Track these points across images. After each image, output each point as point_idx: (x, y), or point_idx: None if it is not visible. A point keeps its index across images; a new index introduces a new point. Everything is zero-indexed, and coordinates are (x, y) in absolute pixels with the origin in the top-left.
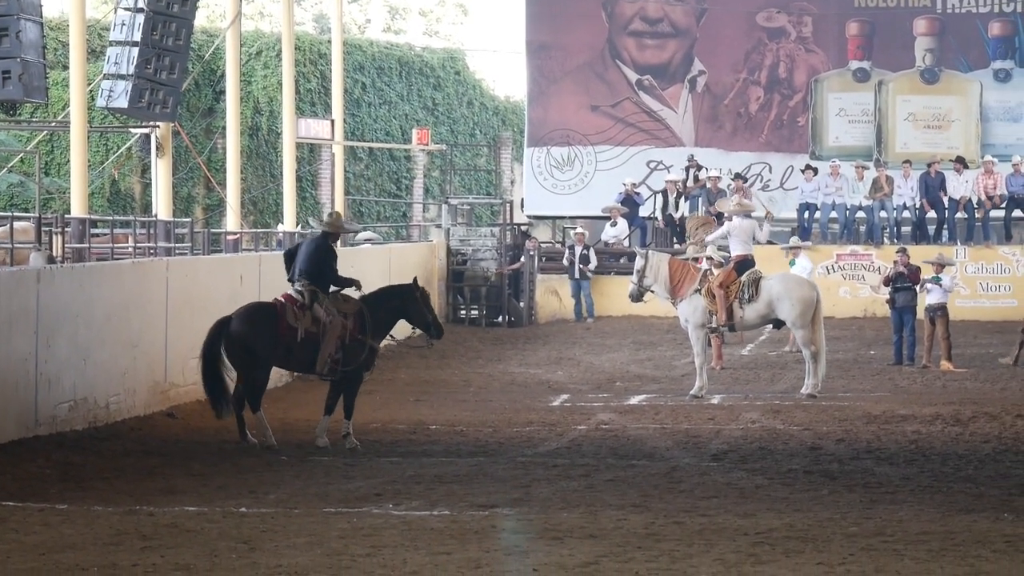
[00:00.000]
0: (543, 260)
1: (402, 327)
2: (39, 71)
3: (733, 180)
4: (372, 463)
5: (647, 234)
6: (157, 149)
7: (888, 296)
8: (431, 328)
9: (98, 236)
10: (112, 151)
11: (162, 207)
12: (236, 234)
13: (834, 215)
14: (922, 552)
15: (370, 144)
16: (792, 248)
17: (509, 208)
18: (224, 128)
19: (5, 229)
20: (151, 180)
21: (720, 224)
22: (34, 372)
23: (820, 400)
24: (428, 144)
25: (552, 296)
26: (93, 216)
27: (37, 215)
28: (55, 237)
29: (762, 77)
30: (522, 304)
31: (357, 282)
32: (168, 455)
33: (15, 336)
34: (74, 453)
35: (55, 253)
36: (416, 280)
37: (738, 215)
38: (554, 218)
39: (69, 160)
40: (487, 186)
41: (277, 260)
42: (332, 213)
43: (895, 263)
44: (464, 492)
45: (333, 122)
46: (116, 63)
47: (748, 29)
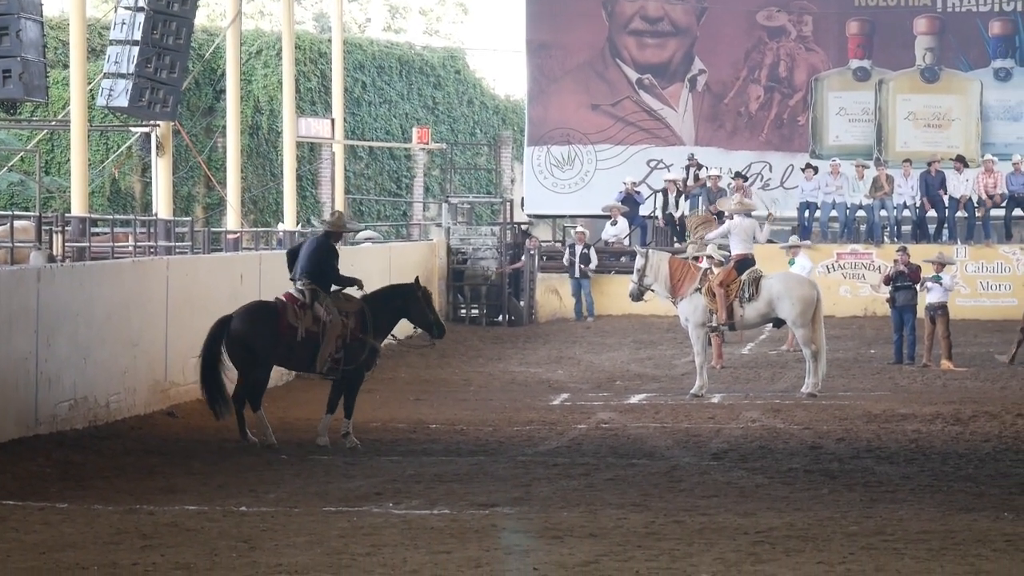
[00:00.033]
0: (543, 259)
1: (404, 326)
2: (39, 70)
3: (733, 179)
4: (372, 462)
5: (647, 233)
6: (157, 148)
7: (888, 295)
8: (433, 327)
9: (98, 235)
10: (112, 150)
11: (162, 206)
12: (236, 233)
13: (834, 214)
14: (922, 551)
15: (370, 143)
16: (791, 247)
17: (509, 207)
18: (224, 127)
19: (5, 228)
20: (151, 179)
21: (720, 223)
22: (34, 371)
23: (820, 399)
24: (428, 143)
25: (552, 295)
26: (93, 215)
27: (37, 214)
28: (55, 236)
29: (762, 76)
30: (522, 303)
31: (359, 281)
32: (168, 454)
33: (15, 335)
34: (74, 452)
35: (55, 252)
36: (418, 279)
37: (739, 214)
38: (554, 217)
39: (69, 159)
40: (487, 185)
41: (277, 259)
42: (334, 212)
43: (895, 262)
44: (464, 491)
45: (333, 121)
46: (116, 62)
47: (748, 28)
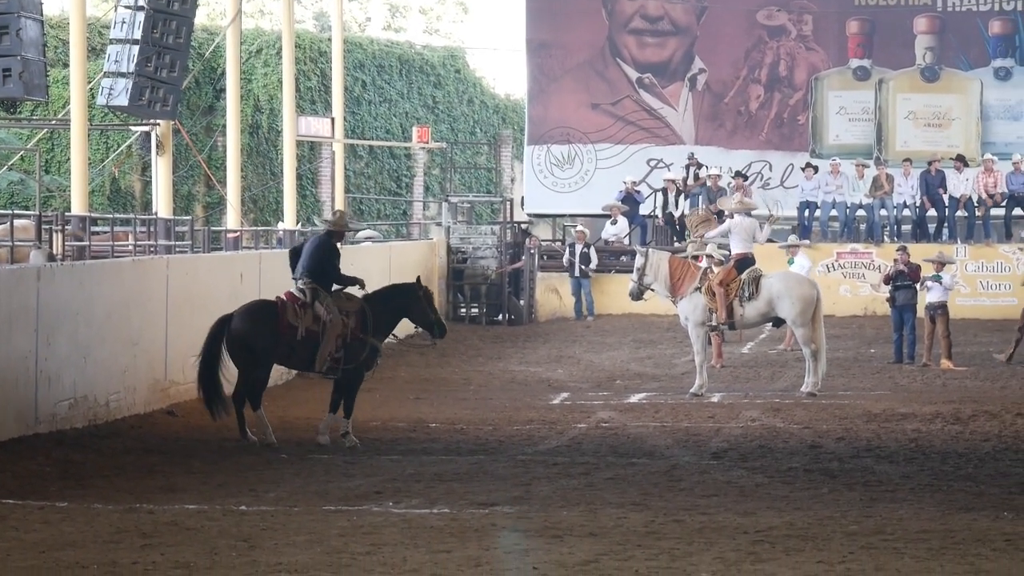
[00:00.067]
0: (543, 258)
1: (406, 326)
2: (39, 69)
3: (733, 178)
4: (372, 461)
5: (647, 232)
6: (157, 147)
7: (888, 294)
8: (434, 327)
9: (98, 234)
10: (112, 149)
11: (162, 205)
12: (236, 232)
13: (834, 213)
14: (922, 550)
15: (370, 142)
16: (790, 247)
17: (509, 206)
18: (224, 126)
19: (5, 227)
20: (151, 178)
21: (720, 222)
22: (34, 370)
23: (820, 398)
24: (428, 142)
25: (552, 294)
26: (93, 214)
27: (37, 213)
28: (55, 235)
29: (762, 75)
30: (522, 302)
31: (360, 281)
32: (168, 453)
33: (15, 334)
34: (74, 451)
35: (55, 251)
36: (419, 279)
37: (739, 213)
38: (554, 216)
39: (69, 158)
40: (487, 184)
41: (277, 258)
42: (336, 212)
43: (895, 261)
44: (464, 490)
45: (333, 120)
46: (116, 61)
47: (748, 27)
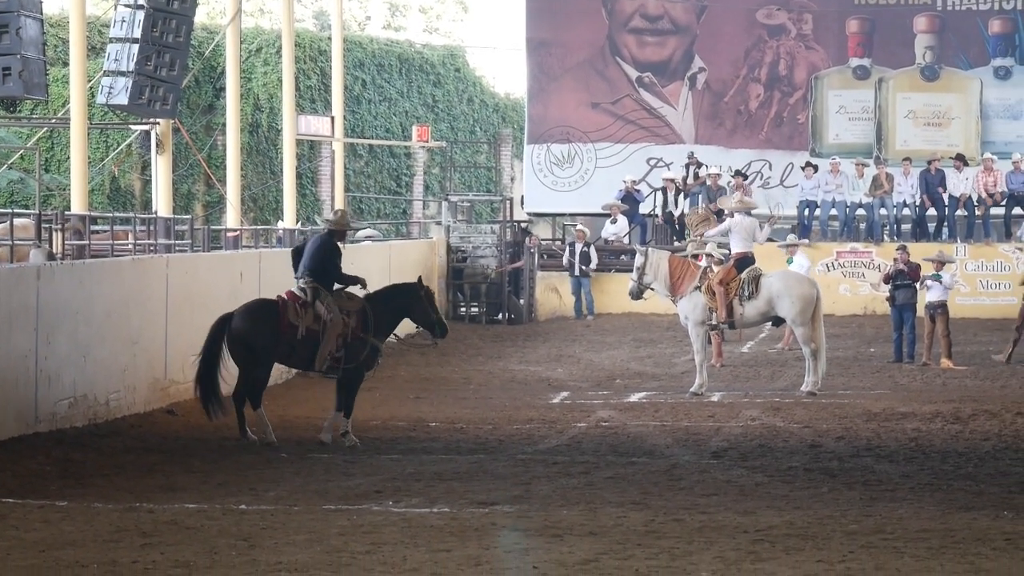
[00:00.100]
0: (543, 257)
1: (407, 324)
2: (39, 68)
3: (733, 177)
4: (372, 460)
5: (647, 231)
6: (157, 146)
7: (888, 294)
8: (435, 327)
9: (98, 233)
10: (112, 148)
11: (162, 204)
12: (236, 231)
13: (834, 212)
14: (922, 550)
15: (370, 141)
16: (789, 246)
17: (509, 205)
18: (224, 125)
19: (5, 226)
20: (151, 177)
21: (720, 220)
22: (34, 369)
23: (820, 398)
24: (428, 141)
25: (552, 293)
26: (93, 213)
27: (37, 212)
28: (55, 234)
29: (762, 74)
30: (522, 301)
31: (362, 280)
32: (168, 452)
33: (15, 333)
34: (74, 450)
35: (55, 250)
36: (421, 279)
37: (739, 212)
38: (554, 215)
39: (69, 157)
40: (487, 183)
41: (277, 257)
42: (338, 211)
43: (895, 260)
44: (464, 489)
45: (333, 119)
46: (116, 60)
47: (748, 26)
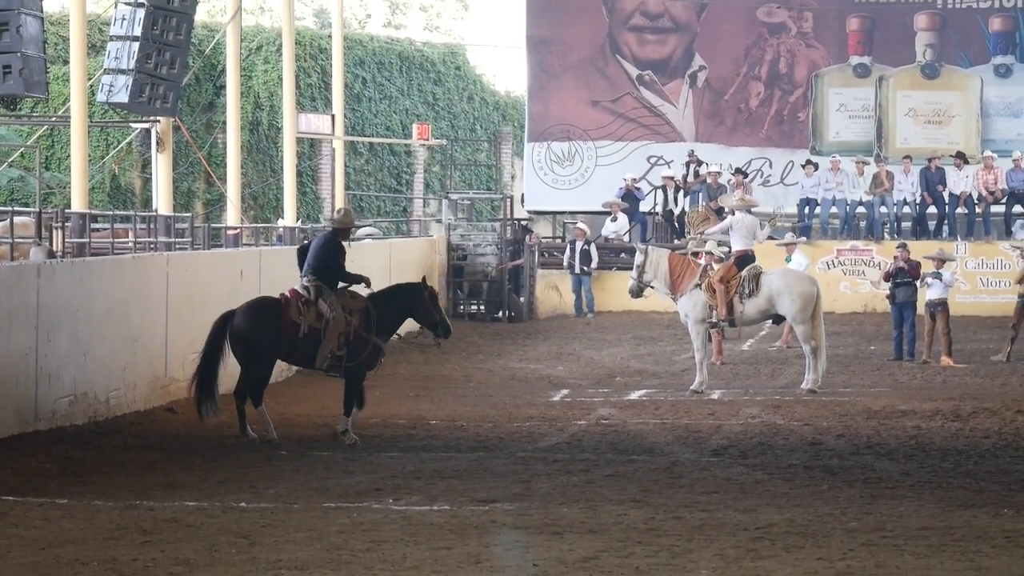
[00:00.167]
0: (544, 255)
1: (409, 324)
2: (39, 66)
3: (733, 175)
4: (372, 458)
5: (647, 229)
6: (157, 144)
7: (888, 291)
8: (438, 328)
9: (98, 231)
10: (112, 146)
11: (162, 202)
12: (236, 229)
13: (834, 210)
14: (922, 547)
15: (370, 139)
16: (787, 244)
17: (509, 203)
18: (224, 123)
19: (5, 224)
20: (151, 175)
21: (721, 218)
22: (34, 367)
23: (820, 395)
24: (428, 139)
25: (552, 291)
26: (94, 211)
27: (37, 210)
28: (55, 232)
29: (762, 72)
30: (522, 299)
31: (366, 279)
32: (168, 450)
33: (15, 331)
34: (74, 448)
35: (55, 248)
36: (425, 279)
37: (740, 210)
38: (554, 213)
39: (69, 155)
40: (487, 181)
41: (277, 255)
42: (340, 210)
43: (895, 258)
44: (464, 487)
45: (333, 117)
46: (116, 58)
47: (748, 24)
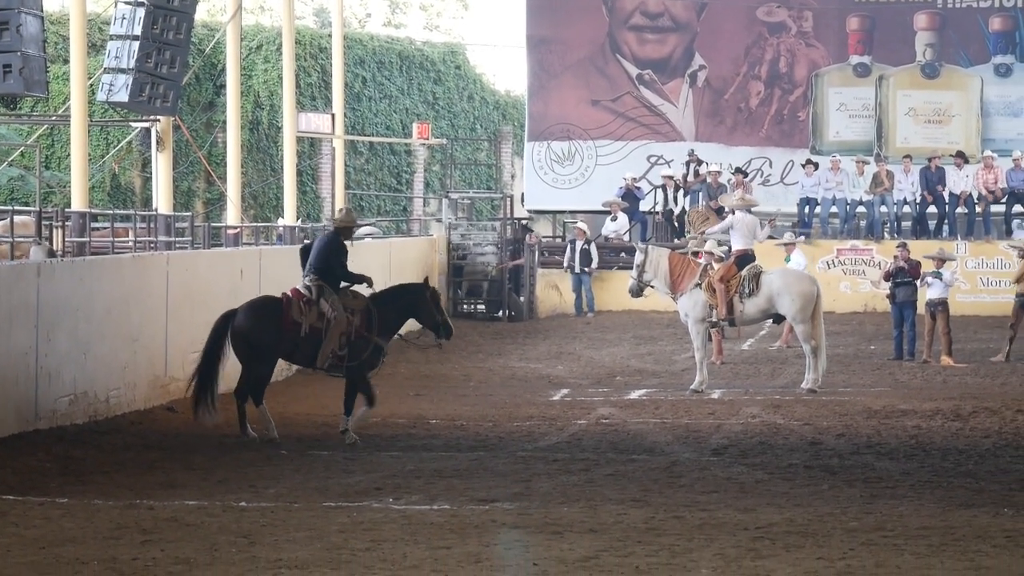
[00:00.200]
0: (544, 254)
1: (411, 324)
2: (39, 65)
3: (734, 175)
4: (372, 457)
5: (647, 229)
6: (157, 143)
7: (888, 291)
8: (440, 328)
9: (98, 230)
10: (112, 145)
11: (162, 201)
12: (236, 228)
13: (834, 210)
14: (922, 547)
15: (370, 138)
16: (786, 244)
17: (509, 202)
18: (224, 122)
19: (5, 223)
20: (151, 174)
21: (721, 218)
22: (34, 366)
23: (820, 395)
24: (428, 138)
25: (552, 290)
26: (94, 210)
27: (37, 209)
28: (55, 231)
29: (762, 72)
30: (522, 298)
31: (368, 279)
32: (168, 449)
33: (15, 330)
34: (74, 447)
35: (55, 247)
36: (427, 280)
37: (741, 209)
38: (554, 212)
39: (69, 154)
40: (487, 180)
41: (277, 254)
42: (342, 209)
43: (895, 258)
44: (464, 486)
45: (333, 116)
46: (117, 57)
47: (748, 24)
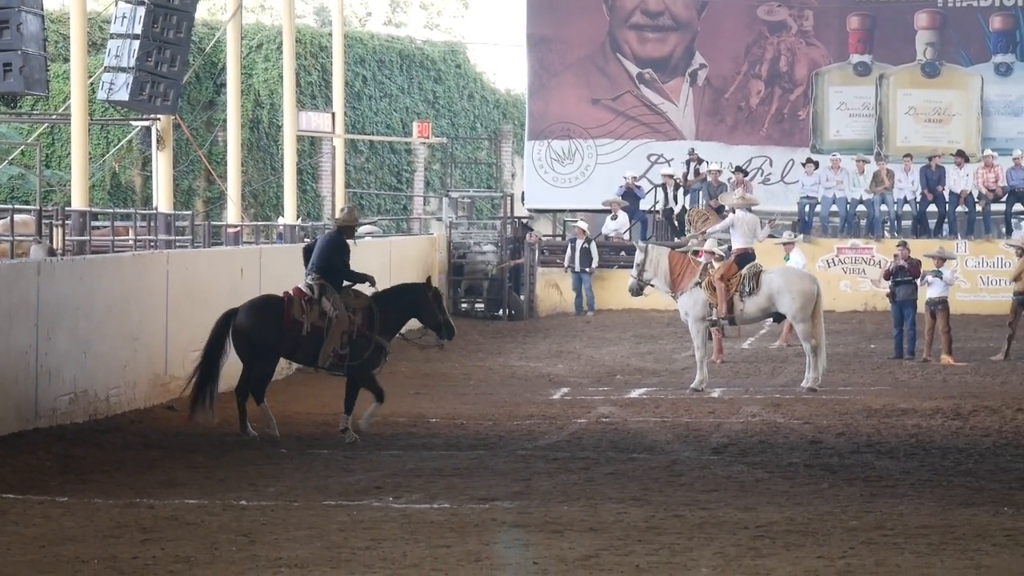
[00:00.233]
0: (544, 253)
1: (412, 323)
2: (40, 64)
3: (734, 174)
4: (372, 456)
5: (648, 228)
6: (158, 142)
7: (888, 290)
8: (442, 328)
9: (99, 229)
10: (113, 144)
11: (163, 200)
12: (237, 227)
13: (835, 209)
14: (922, 546)
15: (371, 137)
16: (785, 243)
17: (510, 201)
18: (225, 121)
19: (6, 222)
20: (152, 173)
21: (721, 217)
22: (34, 365)
23: (820, 394)
24: (429, 137)
25: (552, 289)
26: (94, 209)
27: (38, 208)
28: (55, 230)
29: (763, 71)
30: (523, 297)
31: (371, 278)
32: (168, 448)
33: (15, 329)
34: (74, 446)
35: (55, 246)
36: (429, 279)
37: (741, 208)
38: (555, 211)
39: (70, 153)
40: (488, 179)
41: (278, 253)
42: (344, 208)
43: (895, 257)
44: (464, 485)
45: (334, 115)
46: (117, 56)
47: (749, 22)
